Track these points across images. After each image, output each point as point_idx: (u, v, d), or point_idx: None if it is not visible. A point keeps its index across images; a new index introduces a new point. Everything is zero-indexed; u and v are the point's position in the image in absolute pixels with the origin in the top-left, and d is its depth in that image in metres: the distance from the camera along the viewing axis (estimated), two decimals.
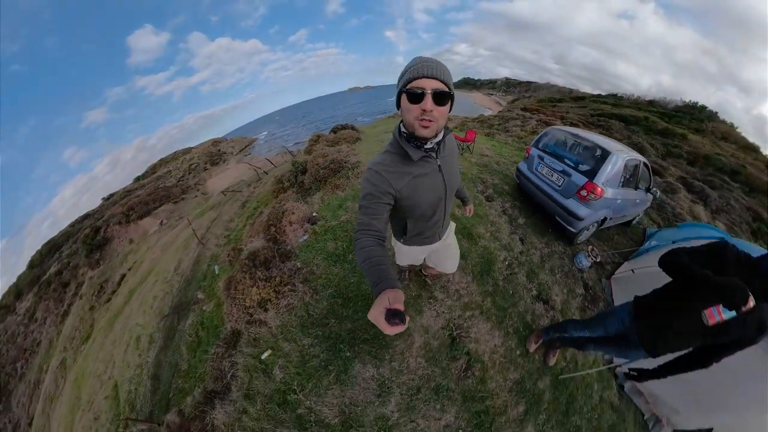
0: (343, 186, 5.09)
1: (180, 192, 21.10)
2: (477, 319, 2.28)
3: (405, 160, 0.93)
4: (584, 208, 3.02)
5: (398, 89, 0.83)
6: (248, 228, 5.24)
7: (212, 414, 2.15)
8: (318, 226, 3.59)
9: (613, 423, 2.18)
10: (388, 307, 0.59)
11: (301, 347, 2.14)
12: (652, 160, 11.16)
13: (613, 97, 34.09)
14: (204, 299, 4.65)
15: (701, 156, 13.23)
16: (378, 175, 0.91)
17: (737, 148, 16.08)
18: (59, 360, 10.01)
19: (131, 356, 5.62)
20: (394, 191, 0.92)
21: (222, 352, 2.54)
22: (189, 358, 3.97)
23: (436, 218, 1.14)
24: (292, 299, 2.39)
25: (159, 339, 5.28)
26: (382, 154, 0.96)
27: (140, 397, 4.30)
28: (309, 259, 2.94)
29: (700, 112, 24.69)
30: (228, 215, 7.78)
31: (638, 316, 1.44)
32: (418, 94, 0.78)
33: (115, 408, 4.57)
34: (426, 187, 0.98)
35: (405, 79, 0.80)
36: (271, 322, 2.38)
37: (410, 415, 1.80)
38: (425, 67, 0.78)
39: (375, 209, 0.87)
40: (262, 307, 2.35)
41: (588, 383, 2.25)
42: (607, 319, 1.63)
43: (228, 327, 2.74)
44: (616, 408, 2.27)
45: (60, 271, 18.47)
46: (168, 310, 5.60)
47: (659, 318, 1.33)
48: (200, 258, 6.41)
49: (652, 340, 1.36)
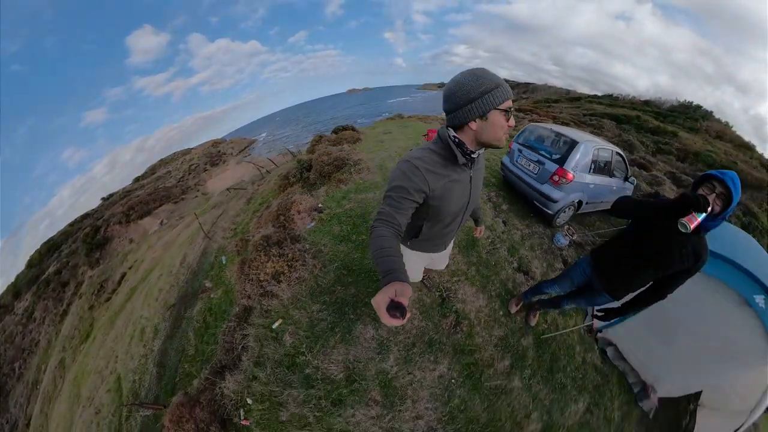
0: (346, 180, 5.38)
1: (180, 192, 21.32)
2: (463, 283, 2.55)
3: (447, 162, 0.97)
4: (557, 192, 3.42)
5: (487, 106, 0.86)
6: (255, 221, 5.47)
7: (221, 384, 2.35)
8: (324, 214, 3.85)
9: (597, 384, 2.38)
10: (393, 298, 0.60)
11: (310, 313, 2.39)
12: (640, 155, 11.54)
13: (609, 97, 34.81)
14: (212, 287, 4.83)
15: (691, 153, 13.62)
16: (417, 170, 0.91)
17: (732, 147, 16.47)
18: (58, 359, 9.93)
19: (135, 348, 5.68)
20: (429, 190, 0.94)
21: (234, 326, 2.76)
22: (196, 343, 4.11)
23: (451, 228, 1.19)
24: (303, 272, 2.64)
25: (165, 328, 5.41)
26: (423, 151, 0.97)
27: (145, 385, 4.38)
28: (317, 240, 3.20)
29: (695, 111, 25.27)
30: (234, 210, 8.01)
31: (597, 264, 1.69)
32: (509, 112, 0.89)
33: (117, 400, 4.59)
34: (456, 194, 1.03)
35: (502, 97, 0.86)
36: (282, 294, 2.61)
37: (407, 367, 2.04)
38: (509, 88, 0.89)
39: (402, 204, 0.88)
40: (275, 279, 2.59)
41: (570, 345, 2.48)
42: (571, 272, 1.88)
43: (240, 304, 2.96)
44: (600, 370, 2.47)
45: (59, 270, 18.56)
46: (174, 300, 5.77)
47: (614, 263, 1.58)
48: (207, 251, 6.61)
49: (611, 284, 1.60)
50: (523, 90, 71.32)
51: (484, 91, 0.84)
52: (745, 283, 1.87)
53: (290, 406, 2.00)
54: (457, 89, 0.87)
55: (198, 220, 7.84)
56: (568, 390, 2.26)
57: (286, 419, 1.97)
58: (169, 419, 2.39)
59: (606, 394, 2.36)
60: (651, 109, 25.79)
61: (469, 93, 0.85)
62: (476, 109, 0.86)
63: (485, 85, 0.84)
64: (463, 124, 0.91)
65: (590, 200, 3.82)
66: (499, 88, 0.85)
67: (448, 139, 0.95)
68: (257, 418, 2.04)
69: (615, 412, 2.29)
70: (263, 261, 2.71)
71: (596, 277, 1.68)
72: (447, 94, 0.91)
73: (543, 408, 2.11)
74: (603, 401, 2.30)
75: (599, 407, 2.26)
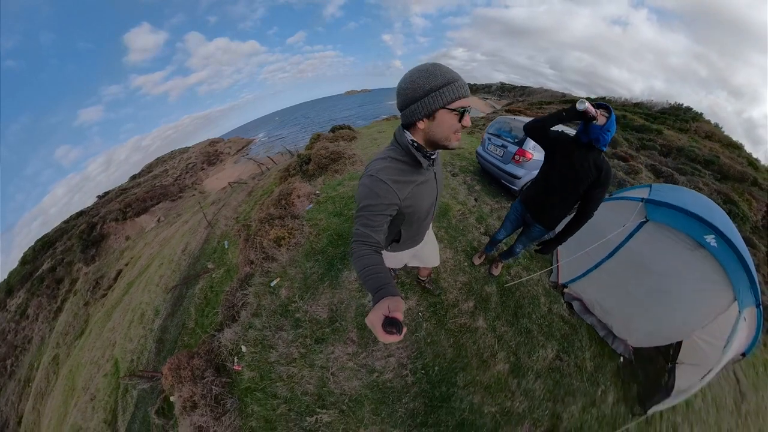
0: (341, 171, 5.84)
1: (177, 190, 21.59)
2: None
3: (411, 168, 0.94)
4: (519, 169, 3.94)
5: (434, 104, 0.81)
6: (258, 207, 5.83)
7: (219, 336, 2.66)
8: (321, 197, 4.26)
9: (565, 333, 2.54)
10: (387, 315, 0.60)
11: (304, 270, 2.80)
12: (623, 150, 12.22)
13: (602, 100, 36.09)
14: (214, 268, 5.17)
15: (675, 148, 14.23)
16: (383, 184, 0.88)
17: (720, 146, 17.13)
18: (51, 356, 9.99)
19: (134, 330, 5.86)
20: (400, 201, 0.92)
21: (236, 288, 3.11)
22: (196, 317, 4.38)
23: (427, 221, 1.23)
24: (300, 238, 3.06)
25: (166, 309, 5.65)
26: (385, 161, 0.93)
27: (143, 361, 4.60)
28: (314, 217, 3.66)
29: (686, 113, 26.16)
30: (235, 202, 8.35)
31: (524, 200, 2.04)
32: (463, 112, 0.82)
33: (114, 383, 4.66)
34: (425, 194, 1.03)
35: (451, 96, 0.80)
36: (281, 258, 2.99)
37: None
38: (464, 86, 0.82)
39: (375, 221, 0.87)
40: (276, 244, 2.98)
41: (534, 296, 2.74)
42: (510, 215, 2.23)
43: (243, 272, 3.31)
44: (567, 321, 2.64)
45: (54, 267, 18.63)
46: (177, 281, 6.06)
47: (535, 195, 1.91)
48: (209, 238, 6.92)
49: (538, 214, 1.92)
50: (519, 93, 72.83)
51: (432, 89, 0.79)
52: (695, 226, 1.98)
53: (279, 347, 2.37)
54: (406, 86, 0.83)
55: (202, 209, 8.16)
56: (534, 335, 2.45)
57: (275, 360, 2.32)
58: (168, 368, 2.65)
59: (575, 343, 2.50)
60: (642, 111, 26.74)
61: (416, 91, 0.81)
62: (422, 109, 0.82)
63: (434, 82, 0.79)
64: (412, 123, 0.88)
65: None
66: (450, 86, 0.79)
67: (408, 144, 0.92)
68: (248, 361, 2.38)
69: (587, 362, 2.40)
70: (267, 230, 3.10)
71: (527, 211, 2.01)
72: (398, 91, 0.86)
73: (509, 349, 2.34)
74: (573, 350, 2.45)
75: (569, 355, 2.40)
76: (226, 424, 2.13)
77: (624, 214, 2.34)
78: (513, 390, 2.13)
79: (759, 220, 8.41)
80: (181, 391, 2.43)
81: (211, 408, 2.22)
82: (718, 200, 8.47)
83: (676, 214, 2.09)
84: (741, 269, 1.85)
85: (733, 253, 1.85)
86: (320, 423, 1.95)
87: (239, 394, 2.26)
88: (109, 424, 3.90)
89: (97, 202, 25.55)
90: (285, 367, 2.24)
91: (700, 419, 2.47)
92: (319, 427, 1.94)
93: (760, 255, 6.65)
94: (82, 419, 4.35)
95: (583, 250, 2.54)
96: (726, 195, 8.97)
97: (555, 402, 2.11)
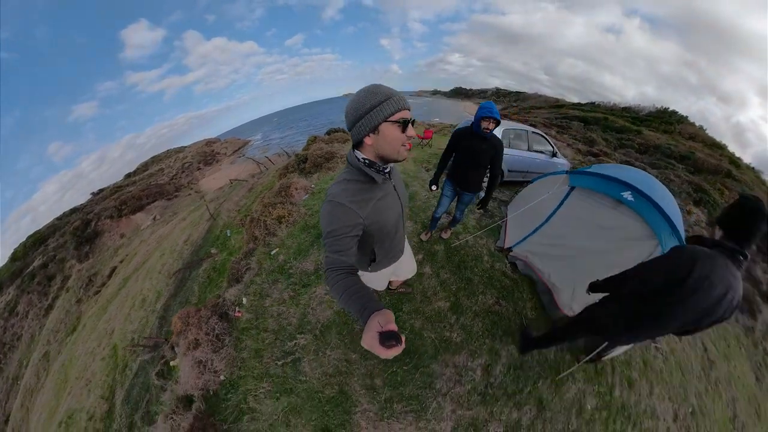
0: (335, 168, 6.62)
1: (173, 189, 22.01)
2: None
3: (367, 186, 1.00)
4: None
5: (377, 119, 0.87)
6: (259, 200, 6.50)
7: (225, 293, 3.28)
8: (315, 189, 4.99)
9: (506, 285, 2.92)
10: (381, 330, 0.61)
11: (299, 241, 3.59)
12: (599, 148, 13.37)
13: (591, 104, 37.93)
14: (217, 253, 5.73)
15: (652, 146, 15.30)
16: (342, 207, 0.93)
17: (703, 146, 18.27)
18: (42, 353, 10.03)
19: (135, 314, 6.21)
20: (362, 219, 0.97)
21: (240, 259, 3.74)
22: (199, 294, 4.87)
23: (399, 235, 1.31)
24: (297, 217, 3.76)
25: (169, 290, 6.07)
26: (341, 184, 0.99)
27: (145, 336, 4.83)
28: (309, 204, 4.43)
29: (671, 116, 27.78)
30: (236, 197, 8.95)
31: (453, 178, 2.71)
32: (406, 123, 0.90)
33: (112, 364, 4.85)
34: (387, 207, 1.09)
35: (390, 109, 0.87)
36: (281, 233, 3.72)
37: None
38: (403, 99, 0.89)
39: (342, 244, 0.91)
40: (278, 222, 3.68)
41: (478, 255, 3.26)
42: (445, 193, 2.86)
43: (248, 248, 3.94)
44: (510, 277, 3.02)
45: (45, 264, 18.76)
46: (180, 266, 6.57)
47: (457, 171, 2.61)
48: (212, 229, 7.46)
49: (464, 184, 2.60)
50: (513, 99, 74.98)
51: (374, 105, 0.86)
52: (613, 187, 2.33)
53: (274, 294, 3.08)
54: (351, 106, 0.90)
55: (205, 203, 8.73)
56: (475, 284, 2.88)
57: (269, 304, 2.97)
58: (178, 317, 3.25)
59: (515, 294, 2.84)
60: (629, 115, 28.38)
61: (359, 109, 0.88)
62: (367, 124, 0.89)
63: (375, 99, 0.87)
64: (360, 141, 0.95)
65: (512, 168, 5.11)
66: (389, 100, 0.87)
67: (359, 164, 0.98)
68: (248, 307, 3.05)
69: (528, 311, 2.71)
70: (270, 211, 3.79)
71: (456, 184, 2.69)
72: (345, 112, 0.93)
73: (450, 291, 2.80)
74: (513, 299, 2.79)
75: (508, 302, 2.76)
76: (222, 356, 2.72)
77: (552, 185, 2.96)
78: (452, 323, 2.59)
79: None
80: (186, 334, 3.01)
81: (211, 344, 2.81)
82: (689, 189, 9.29)
83: (596, 179, 2.52)
84: (660, 218, 2.03)
85: (650, 204, 2.08)
86: (298, 346, 2.54)
87: (237, 333, 2.84)
88: (106, 399, 4.08)
89: (92, 199, 25.89)
90: (277, 307, 2.93)
91: (662, 380, 2.61)
92: (297, 349, 2.52)
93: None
94: (77, 403, 4.49)
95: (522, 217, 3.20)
96: (698, 185, 9.79)
97: (493, 339, 2.48)
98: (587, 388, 2.32)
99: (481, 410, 2.13)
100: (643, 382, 2.52)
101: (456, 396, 2.20)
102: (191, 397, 2.60)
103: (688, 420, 2.46)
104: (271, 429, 2.13)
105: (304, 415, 2.14)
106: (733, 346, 4.08)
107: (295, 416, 2.15)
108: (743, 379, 3.45)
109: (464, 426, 2.06)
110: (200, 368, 2.71)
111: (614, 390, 2.37)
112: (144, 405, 3.09)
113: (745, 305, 5.28)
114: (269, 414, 2.19)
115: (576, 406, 2.21)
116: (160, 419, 2.59)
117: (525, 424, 2.09)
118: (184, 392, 2.66)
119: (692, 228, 7.14)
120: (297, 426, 2.11)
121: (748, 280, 5.95)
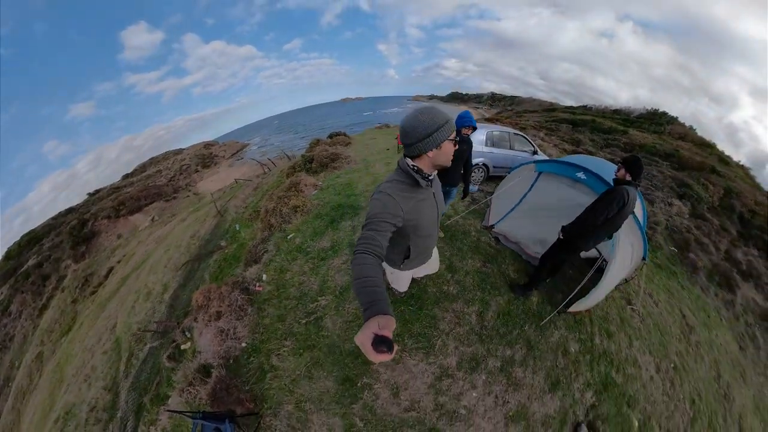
0: (339, 167, 7.14)
1: (172, 191, 22.22)
2: None
3: (412, 187, 1.21)
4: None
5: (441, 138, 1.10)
6: (267, 197, 6.87)
7: (243, 274, 3.65)
8: (323, 186, 5.45)
9: (490, 253, 3.53)
10: (377, 333, 0.61)
11: (314, 226, 4.10)
12: (585, 148, 14.62)
13: (583, 107, 39.27)
14: (227, 245, 6.04)
15: (637, 145, 15.96)
16: (390, 197, 1.13)
17: (693, 146, 18.95)
18: (35, 354, 10.16)
19: (140, 306, 6.39)
20: (403, 212, 1.14)
21: (257, 243, 4.10)
22: (211, 282, 5.10)
23: (432, 237, 1.52)
24: (310, 207, 4.18)
25: (177, 281, 6.24)
26: (391, 183, 1.20)
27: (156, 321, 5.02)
28: (319, 197, 4.96)
29: (661, 117, 28.84)
30: (243, 195, 9.33)
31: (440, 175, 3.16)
32: (454, 140, 1.17)
33: (115, 356, 5.04)
34: (426, 209, 1.30)
35: (449, 131, 1.12)
36: (296, 221, 4.09)
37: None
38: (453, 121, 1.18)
39: (381, 226, 1.04)
40: (294, 210, 4.09)
41: (466, 231, 3.87)
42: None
43: (263, 236, 4.31)
44: (493, 247, 3.65)
45: (40, 263, 18.71)
46: (189, 258, 6.82)
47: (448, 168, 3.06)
48: (219, 224, 7.78)
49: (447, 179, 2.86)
50: (509, 103, 76.57)
51: (438, 126, 1.09)
52: (570, 169, 3.00)
53: (294, 269, 3.50)
54: (417, 125, 1.10)
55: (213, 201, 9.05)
56: (464, 251, 3.46)
57: (290, 277, 3.40)
58: (199, 293, 3.54)
59: (498, 259, 3.41)
60: (620, 117, 29.47)
61: (426, 129, 1.09)
62: (433, 142, 1.10)
63: (438, 122, 1.09)
64: (421, 154, 1.15)
65: (496, 165, 5.75)
66: (448, 123, 1.11)
67: (408, 169, 1.18)
68: (268, 281, 3.45)
69: (510, 272, 3.24)
70: (287, 201, 4.22)
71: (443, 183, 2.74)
72: (408, 130, 1.12)
73: (444, 257, 3.31)
74: (497, 262, 3.35)
75: (493, 265, 3.31)
76: (245, 323, 3.05)
77: (523, 172, 3.61)
78: (448, 279, 3.09)
79: (715, 201, 9.79)
80: (208, 308, 3.31)
81: (234, 313, 3.13)
82: (672, 184, 10.03)
83: (557, 165, 3.24)
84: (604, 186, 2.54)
85: (600, 181, 2.67)
86: (319, 306, 2.95)
87: (258, 304, 3.19)
88: (109, 390, 4.19)
89: (88, 200, 26.02)
90: (298, 277, 3.36)
91: (640, 336, 2.95)
92: (318, 309, 2.92)
93: (712, 227, 8.13)
94: (76, 398, 4.54)
95: (502, 200, 3.87)
96: (681, 180, 10.45)
97: (483, 292, 2.95)
98: (569, 334, 2.71)
99: (479, 347, 2.51)
100: (621, 335, 2.87)
101: (457, 335, 2.59)
102: (209, 367, 2.83)
103: (671, 373, 2.80)
104: (294, 384, 2.38)
105: (326, 367, 2.42)
106: (714, 317, 4.53)
107: (318, 369, 2.42)
108: (726, 347, 3.91)
109: (467, 360, 2.43)
110: (222, 336, 3.02)
111: (594, 338, 2.75)
112: (154, 387, 3.30)
113: (723, 281, 5.90)
114: (292, 370, 2.48)
115: (561, 348, 2.58)
116: (175, 394, 2.80)
117: (518, 360, 2.46)
118: (203, 361, 2.90)
119: (672, 217, 7.90)
120: (320, 378, 2.36)
121: (727, 260, 6.85)
